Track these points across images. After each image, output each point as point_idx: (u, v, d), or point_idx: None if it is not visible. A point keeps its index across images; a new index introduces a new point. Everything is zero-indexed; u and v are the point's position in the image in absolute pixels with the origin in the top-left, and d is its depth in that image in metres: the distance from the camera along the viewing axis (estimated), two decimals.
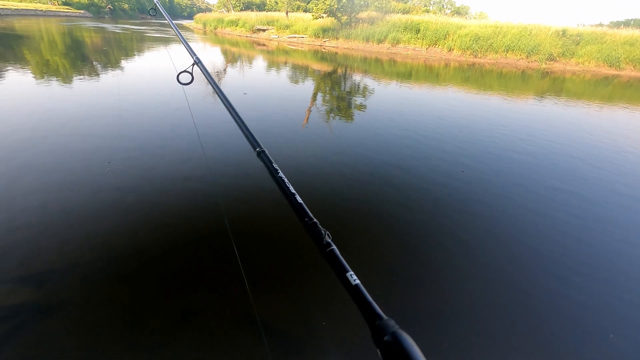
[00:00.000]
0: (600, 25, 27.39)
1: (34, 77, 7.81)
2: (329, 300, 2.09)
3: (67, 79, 7.83)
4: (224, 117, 5.64)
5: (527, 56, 19.56)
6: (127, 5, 67.43)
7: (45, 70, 8.71)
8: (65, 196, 3.01)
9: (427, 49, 21.84)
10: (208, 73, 1.20)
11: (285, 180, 0.69)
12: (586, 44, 19.62)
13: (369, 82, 10.95)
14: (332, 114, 6.65)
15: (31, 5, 46.58)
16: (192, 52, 1.37)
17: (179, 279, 2.20)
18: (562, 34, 19.97)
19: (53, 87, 6.92)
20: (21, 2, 49.95)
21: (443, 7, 54.38)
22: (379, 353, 0.32)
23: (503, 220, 3.20)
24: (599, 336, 2.03)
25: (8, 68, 8.45)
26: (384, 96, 8.98)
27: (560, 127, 6.75)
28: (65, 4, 56.00)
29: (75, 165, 3.60)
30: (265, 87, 9.18)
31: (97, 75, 8.68)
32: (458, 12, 46.00)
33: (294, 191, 0.66)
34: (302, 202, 0.63)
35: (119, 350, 1.72)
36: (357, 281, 0.44)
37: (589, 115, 8.33)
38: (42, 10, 46.16)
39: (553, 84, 13.59)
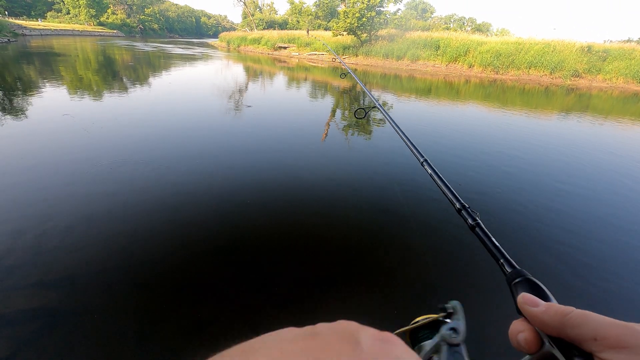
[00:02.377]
0: (629, 41, 26.68)
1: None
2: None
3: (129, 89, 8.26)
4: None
5: (551, 72, 19.19)
6: (156, 25, 71.11)
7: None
8: (87, 204, 3.13)
9: (447, 65, 21.80)
10: (390, 117, 1.35)
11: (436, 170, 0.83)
12: (613, 60, 19.10)
13: (388, 97, 11.00)
14: (350, 131, 6.69)
15: (69, 26, 49.95)
16: (371, 97, 1.63)
17: (191, 289, 2.23)
18: (588, 50, 19.54)
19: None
20: (60, 22, 53.64)
21: (464, 24, 54.43)
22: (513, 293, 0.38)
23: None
24: None
25: (47, 83, 9.01)
26: (401, 111, 8.98)
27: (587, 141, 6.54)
28: (100, 24, 59.69)
29: (100, 175, 3.75)
30: (281, 100, 9.38)
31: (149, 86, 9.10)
32: (479, 29, 45.95)
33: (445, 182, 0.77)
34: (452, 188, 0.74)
35: (131, 358, 1.74)
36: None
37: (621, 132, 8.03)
38: (79, 30, 49.45)
39: (579, 101, 13.23)
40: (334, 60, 23.99)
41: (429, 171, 0.84)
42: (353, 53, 25.77)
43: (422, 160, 0.93)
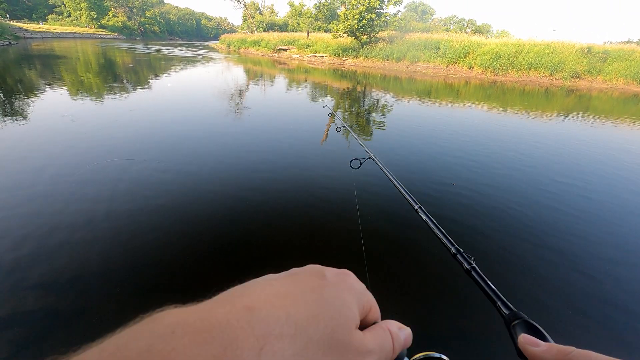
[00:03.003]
0: (629, 42, 26.70)
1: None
2: None
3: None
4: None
5: (551, 74, 19.22)
6: (157, 28, 71.38)
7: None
8: (90, 207, 3.13)
9: (446, 67, 21.85)
10: (384, 168, 1.36)
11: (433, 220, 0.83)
12: (613, 61, 19.13)
13: (388, 99, 11.01)
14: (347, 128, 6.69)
15: (70, 29, 50.19)
16: (367, 151, 1.66)
17: (192, 290, 2.23)
18: (588, 51, 19.57)
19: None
20: (61, 25, 53.88)
21: (464, 25, 54.57)
22: (512, 335, 0.39)
23: None
24: None
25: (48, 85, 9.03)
26: (398, 113, 8.98)
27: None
28: (100, 27, 59.95)
29: (108, 177, 3.75)
30: (280, 102, 9.39)
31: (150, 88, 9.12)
32: (479, 30, 46.04)
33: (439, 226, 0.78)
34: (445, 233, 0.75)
35: None
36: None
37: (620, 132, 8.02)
38: (79, 33, 49.67)
39: (579, 102, 13.23)
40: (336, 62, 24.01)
41: (424, 218, 0.87)
42: (353, 55, 25.84)
43: (416, 207, 0.95)
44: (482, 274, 0.57)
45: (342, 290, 0.26)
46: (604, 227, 3.40)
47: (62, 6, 60.84)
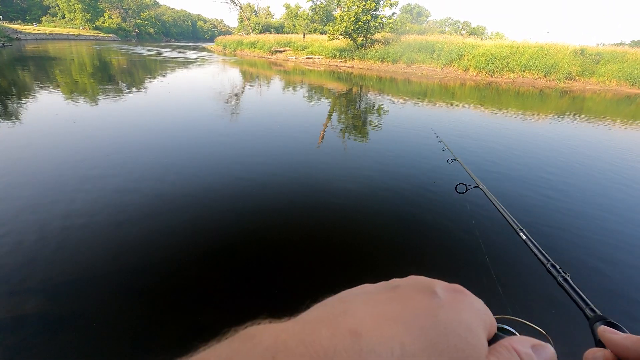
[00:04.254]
0: (621, 44, 27.02)
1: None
2: None
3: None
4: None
5: (545, 75, 19.39)
6: (152, 30, 71.08)
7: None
8: (85, 208, 3.10)
9: (442, 68, 21.96)
10: (493, 199, 1.40)
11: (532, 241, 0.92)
12: (606, 63, 19.34)
13: (384, 101, 11.04)
14: (347, 134, 6.70)
15: (64, 30, 49.89)
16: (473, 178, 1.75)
17: (190, 295, 2.21)
18: (581, 53, 19.77)
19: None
20: (55, 27, 53.53)
21: (459, 28, 54.94)
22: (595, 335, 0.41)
23: None
24: None
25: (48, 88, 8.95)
26: (397, 115, 9.01)
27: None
28: (95, 28, 59.63)
29: (102, 176, 3.72)
30: (280, 105, 9.38)
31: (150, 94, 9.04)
32: (474, 32, 46.36)
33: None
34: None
35: None
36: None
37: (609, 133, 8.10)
38: (74, 34, 49.38)
39: (573, 103, 13.35)
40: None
41: (524, 237, 0.96)
42: (349, 57, 25.90)
43: (517, 228, 1.04)
44: (574, 285, 0.66)
45: (463, 312, 0.22)
46: None
47: (57, 8, 60.44)
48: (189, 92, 10.42)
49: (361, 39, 25.47)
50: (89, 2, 58.46)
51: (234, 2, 50.95)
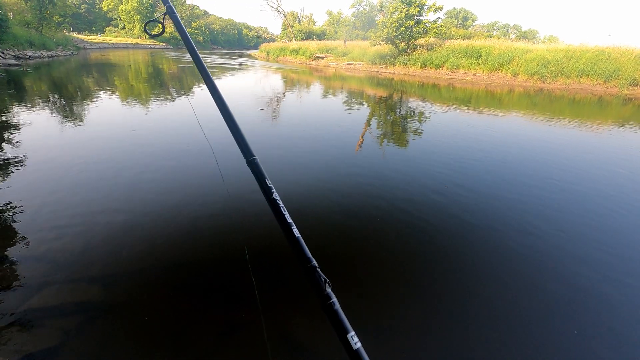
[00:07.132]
0: None
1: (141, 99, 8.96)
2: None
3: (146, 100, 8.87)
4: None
5: (605, 81, 17.88)
6: (201, 38, 75.14)
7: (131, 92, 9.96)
8: (135, 205, 3.36)
9: (488, 74, 21.03)
10: (181, 26, 1.09)
11: (281, 205, 0.56)
12: None
13: (426, 107, 10.80)
14: (385, 140, 6.65)
15: (124, 40, 54.47)
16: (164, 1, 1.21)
17: (224, 293, 2.31)
18: None
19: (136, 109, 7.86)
20: (116, 37, 58.43)
21: (508, 31, 52.41)
22: None
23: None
24: None
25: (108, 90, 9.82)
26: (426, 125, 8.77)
27: None
28: (151, 37, 64.03)
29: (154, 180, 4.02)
30: (320, 110, 9.51)
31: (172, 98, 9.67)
32: (525, 36, 44.01)
33: (290, 221, 0.53)
34: (300, 236, 0.51)
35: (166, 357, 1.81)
36: (359, 345, 0.37)
37: None
38: (132, 43, 53.80)
39: (637, 111, 12.20)
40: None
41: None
42: (390, 62, 25.61)
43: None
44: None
45: None
46: None
47: (118, 19, 65.91)
48: (232, 96, 10.88)
49: (403, 44, 25.10)
50: (147, 13, 63.06)
51: (278, 11, 52.53)
